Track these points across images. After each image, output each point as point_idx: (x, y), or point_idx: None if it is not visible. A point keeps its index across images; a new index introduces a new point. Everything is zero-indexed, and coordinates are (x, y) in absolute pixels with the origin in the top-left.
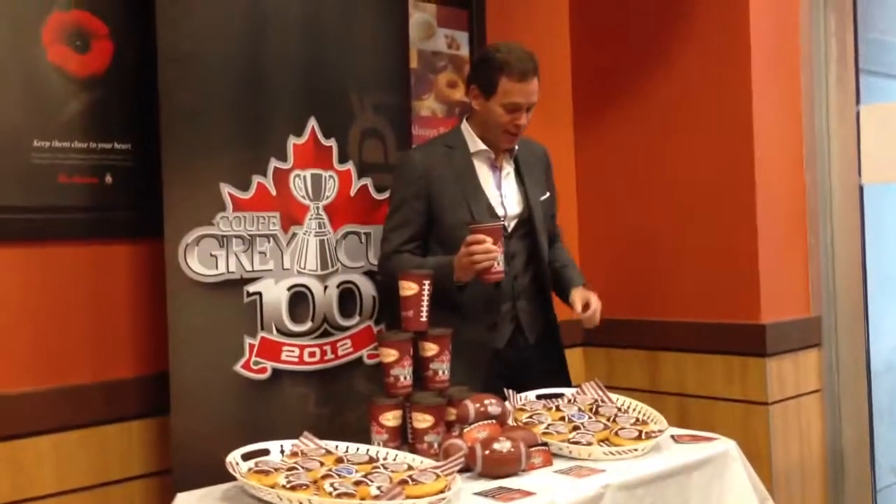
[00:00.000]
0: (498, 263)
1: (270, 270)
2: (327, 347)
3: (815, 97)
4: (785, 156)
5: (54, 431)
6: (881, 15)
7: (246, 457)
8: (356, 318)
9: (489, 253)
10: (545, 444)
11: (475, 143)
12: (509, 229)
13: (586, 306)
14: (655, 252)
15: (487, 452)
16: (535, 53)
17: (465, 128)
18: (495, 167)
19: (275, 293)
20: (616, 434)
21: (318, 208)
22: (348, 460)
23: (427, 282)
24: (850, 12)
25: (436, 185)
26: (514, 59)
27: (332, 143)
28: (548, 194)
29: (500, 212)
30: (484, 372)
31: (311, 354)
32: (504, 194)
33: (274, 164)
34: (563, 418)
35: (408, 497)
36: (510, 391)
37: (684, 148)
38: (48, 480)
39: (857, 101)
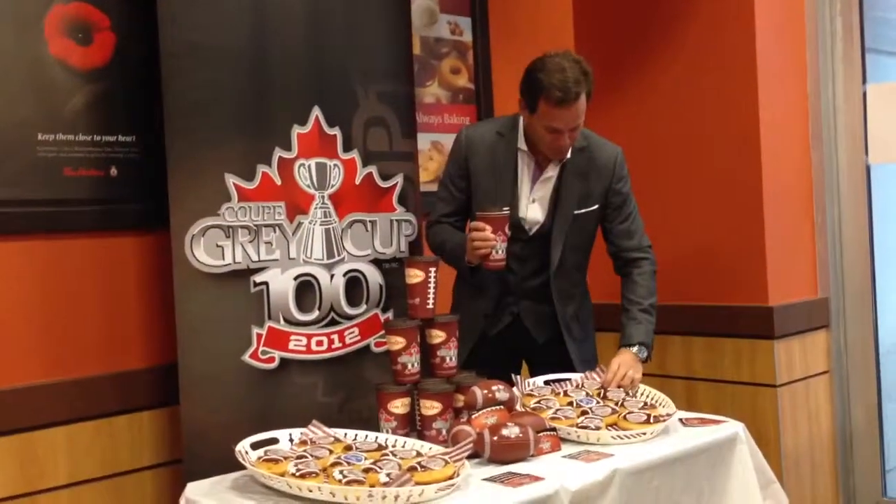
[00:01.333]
0: (497, 252)
1: (277, 260)
2: (335, 336)
3: (821, 77)
4: (791, 136)
5: (66, 423)
6: None
7: (255, 446)
8: (363, 307)
9: (486, 241)
10: (553, 429)
11: (522, 141)
12: (529, 232)
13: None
14: (662, 235)
15: (496, 438)
16: (587, 71)
17: (521, 121)
18: (538, 168)
19: (281, 283)
20: (624, 418)
21: (323, 197)
22: (357, 448)
23: (433, 269)
24: None
25: (476, 170)
26: (557, 83)
27: (336, 131)
28: (595, 207)
29: (521, 213)
30: (466, 348)
31: (319, 343)
32: (535, 197)
33: (278, 153)
34: (571, 403)
35: (417, 483)
36: (518, 377)
37: (689, 130)
38: (61, 472)
39: (864, 81)
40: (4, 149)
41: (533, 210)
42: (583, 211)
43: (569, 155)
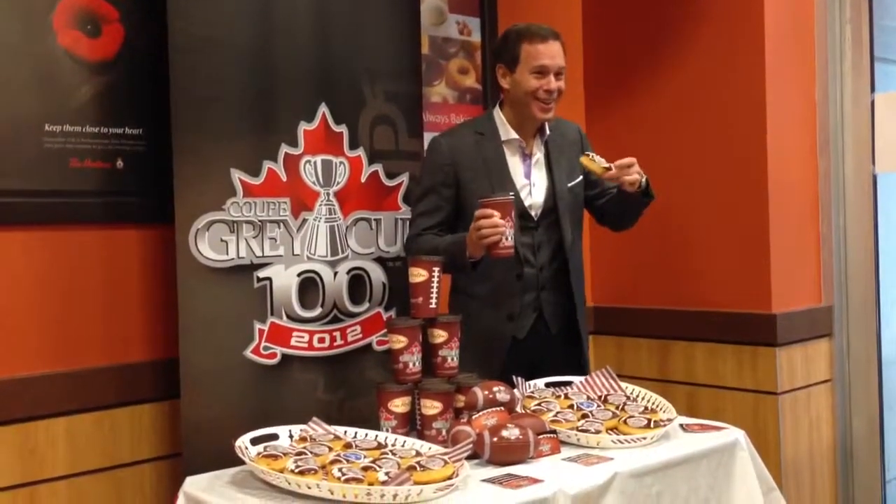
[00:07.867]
0: (506, 238)
1: (280, 256)
2: (337, 333)
3: (829, 85)
4: (798, 144)
5: (66, 414)
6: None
7: (255, 441)
8: (366, 305)
9: (496, 227)
10: (553, 431)
11: (506, 132)
12: (536, 218)
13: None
14: (666, 240)
15: (496, 439)
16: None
17: (497, 114)
18: (525, 155)
19: (285, 279)
20: (625, 422)
21: (328, 194)
22: (357, 446)
23: (437, 268)
24: None
25: (464, 173)
26: (534, 27)
27: (342, 129)
28: (580, 178)
29: (527, 201)
30: (498, 361)
31: (321, 340)
32: (533, 182)
33: (284, 149)
34: (571, 406)
35: (416, 483)
36: (519, 378)
37: (696, 135)
38: (60, 463)
39: (872, 90)
40: (11, 139)
41: (536, 194)
42: (573, 183)
43: (548, 131)
